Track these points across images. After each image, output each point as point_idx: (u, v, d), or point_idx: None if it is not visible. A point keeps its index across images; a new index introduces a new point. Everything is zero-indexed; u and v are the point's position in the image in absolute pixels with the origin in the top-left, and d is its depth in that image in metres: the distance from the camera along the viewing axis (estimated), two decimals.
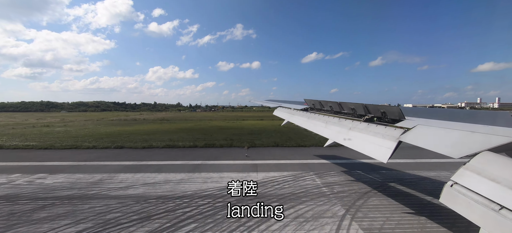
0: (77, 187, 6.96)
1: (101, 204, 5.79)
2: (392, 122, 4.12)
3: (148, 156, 11.15)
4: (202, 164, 9.54)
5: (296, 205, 5.70)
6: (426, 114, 4.40)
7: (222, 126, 26.54)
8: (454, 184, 2.08)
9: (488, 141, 2.35)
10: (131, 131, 21.30)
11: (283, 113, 8.98)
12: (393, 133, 3.68)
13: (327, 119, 5.84)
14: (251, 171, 8.53)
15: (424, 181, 7.49)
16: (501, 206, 1.65)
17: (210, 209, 5.49)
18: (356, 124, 4.77)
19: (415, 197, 6.26)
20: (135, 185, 7.14)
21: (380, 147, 3.72)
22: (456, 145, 2.60)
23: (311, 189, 6.74)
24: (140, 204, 5.75)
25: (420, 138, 3.14)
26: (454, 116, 4.06)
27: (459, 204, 1.95)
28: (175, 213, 5.32)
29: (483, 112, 4.61)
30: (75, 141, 15.17)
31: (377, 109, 4.52)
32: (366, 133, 4.27)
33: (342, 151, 10.99)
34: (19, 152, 12.30)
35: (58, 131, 21.40)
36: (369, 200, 6.02)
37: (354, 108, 5.28)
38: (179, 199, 6.06)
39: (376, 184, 7.17)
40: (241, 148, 12.86)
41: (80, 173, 8.36)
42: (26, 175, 8.08)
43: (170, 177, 7.91)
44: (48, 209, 5.52)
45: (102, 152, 12.30)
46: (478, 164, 2.07)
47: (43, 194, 6.43)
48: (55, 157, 11.14)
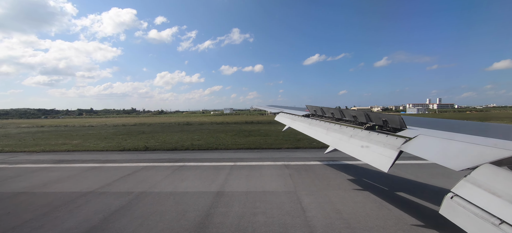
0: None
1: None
2: (393, 131, 4.10)
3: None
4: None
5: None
6: (428, 124, 4.37)
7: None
8: (454, 196, 2.06)
9: (490, 153, 2.33)
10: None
11: (285, 119, 9.01)
12: (394, 142, 3.65)
13: (328, 126, 5.83)
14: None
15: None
16: (502, 220, 1.63)
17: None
18: (357, 131, 4.75)
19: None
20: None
21: (381, 156, 3.69)
22: (457, 157, 2.58)
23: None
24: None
25: (421, 149, 3.12)
26: (455, 127, 4.03)
27: (459, 216, 1.93)
28: None
29: (485, 125, 4.58)
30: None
31: (378, 117, 4.51)
32: (367, 141, 4.25)
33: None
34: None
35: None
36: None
37: (356, 116, 5.27)
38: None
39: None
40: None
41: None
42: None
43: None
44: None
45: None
46: (479, 177, 2.05)
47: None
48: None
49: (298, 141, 16.10)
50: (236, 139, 19.05)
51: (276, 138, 18.49)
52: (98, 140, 20.22)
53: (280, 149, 14.18)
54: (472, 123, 5.26)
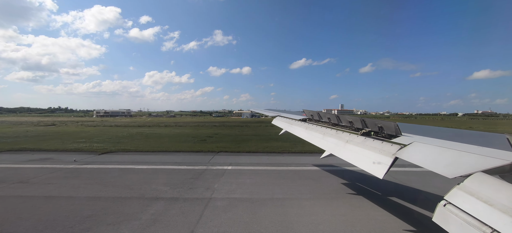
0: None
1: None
2: (388, 137, 4.13)
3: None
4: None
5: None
6: (422, 131, 4.42)
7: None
8: (447, 203, 2.08)
9: (482, 162, 2.37)
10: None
11: (282, 123, 9.00)
12: (390, 149, 3.68)
13: (325, 131, 5.86)
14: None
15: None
16: (493, 229, 1.65)
17: None
18: (353, 137, 4.78)
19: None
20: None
21: (376, 162, 3.71)
22: (451, 164, 2.61)
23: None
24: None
25: (416, 156, 3.15)
26: (450, 135, 4.08)
27: (452, 224, 1.94)
28: None
29: (478, 133, 4.64)
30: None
31: (374, 123, 4.55)
32: (363, 147, 4.27)
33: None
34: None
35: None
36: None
37: (352, 121, 5.31)
38: None
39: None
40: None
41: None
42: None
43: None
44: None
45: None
46: (471, 185, 2.08)
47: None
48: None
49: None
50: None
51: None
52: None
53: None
54: (466, 131, 5.33)
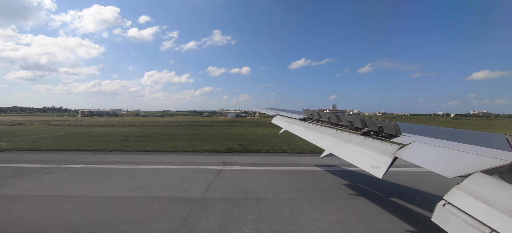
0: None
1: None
2: (388, 137, 4.14)
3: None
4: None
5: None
6: (422, 131, 4.42)
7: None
8: (446, 203, 2.08)
9: (481, 162, 2.37)
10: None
11: (281, 122, 8.99)
12: (389, 148, 3.68)
13: (324, 130, 5.86)
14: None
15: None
16: (491, 229, 1.65)
17: None
18: (352, 137, 4.78)
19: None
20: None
21: (376, 162, 3.72)
22: (450, 164, 2.61)
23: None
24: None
25: (415, 156, 3.15)
26: (449, 135, 4.08)
27: (450, 224, 1.95)
28: None
29: (478, 133, 4.65)
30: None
31: (374, 123, 4.55)
32: (362, 147, 4.28)
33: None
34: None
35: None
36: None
37: (352, 121, 5.31)
38: None
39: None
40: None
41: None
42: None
43: None
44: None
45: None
46: (471, 185, 2.08)
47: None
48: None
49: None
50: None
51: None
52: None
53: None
54: (466, 131, 5.33)
